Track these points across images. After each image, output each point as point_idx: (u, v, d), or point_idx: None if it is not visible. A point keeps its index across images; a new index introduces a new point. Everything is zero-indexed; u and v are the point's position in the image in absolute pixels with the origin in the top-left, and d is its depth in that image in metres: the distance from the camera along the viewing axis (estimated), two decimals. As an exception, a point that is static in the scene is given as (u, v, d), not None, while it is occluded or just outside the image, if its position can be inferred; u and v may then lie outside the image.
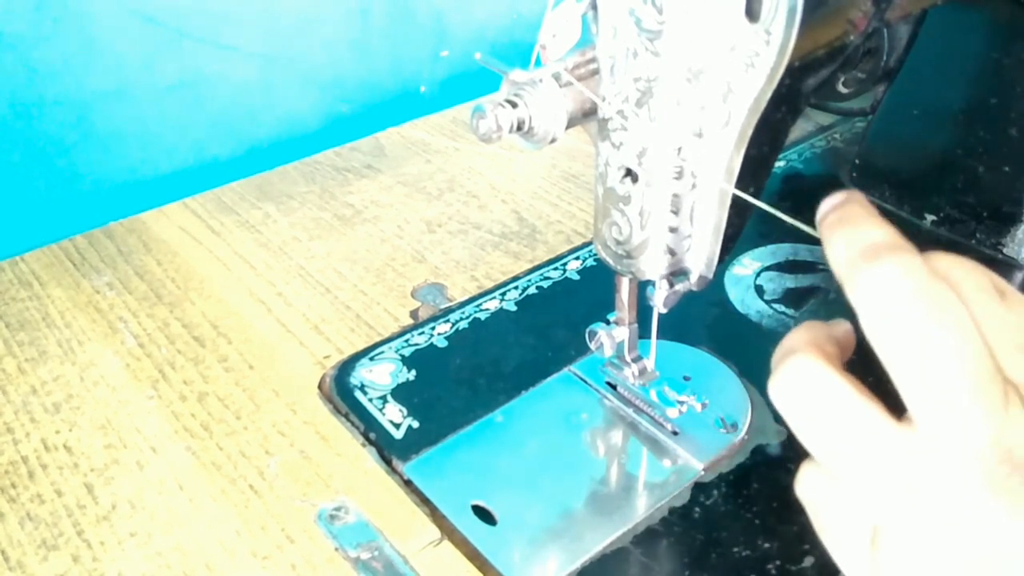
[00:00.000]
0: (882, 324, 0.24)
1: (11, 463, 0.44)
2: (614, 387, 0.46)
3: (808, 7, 0.27)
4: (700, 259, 0.35)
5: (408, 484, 0.42)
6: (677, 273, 0.36)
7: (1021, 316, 0.25)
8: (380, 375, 0.48)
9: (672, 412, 0.43)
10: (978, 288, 0.25)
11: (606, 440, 0.44)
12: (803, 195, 0.63)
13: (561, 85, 0.33)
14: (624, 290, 0.41)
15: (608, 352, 0.42)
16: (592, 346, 0.42)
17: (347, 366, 0.48)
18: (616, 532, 0.39)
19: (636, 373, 0.43)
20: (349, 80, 0.77)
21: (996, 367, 0.23)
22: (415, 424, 0.45)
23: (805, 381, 0.26)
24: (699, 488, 0.41)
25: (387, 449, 0.44)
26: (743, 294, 0.53)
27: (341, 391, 0.47)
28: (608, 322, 0.42)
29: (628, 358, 0.43)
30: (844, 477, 0.25)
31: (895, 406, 0.25)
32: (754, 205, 0.33)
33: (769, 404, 0.33)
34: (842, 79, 0.58)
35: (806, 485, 0.27)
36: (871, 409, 0.25)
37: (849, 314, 0.27)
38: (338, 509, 0.41)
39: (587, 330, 0.42)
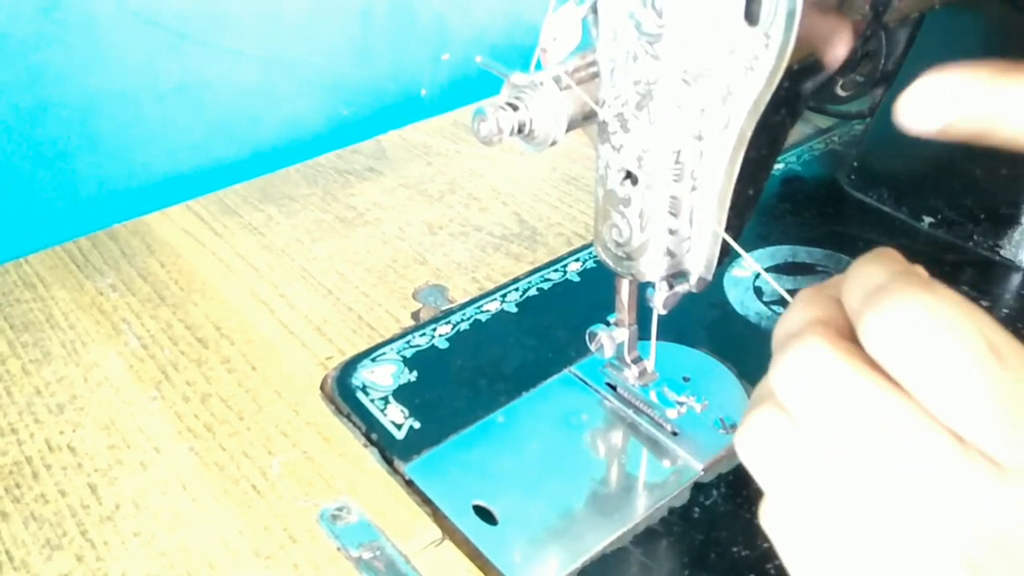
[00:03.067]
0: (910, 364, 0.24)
1: (15, 463, 0.44)
2: (614, 388, 0.46)
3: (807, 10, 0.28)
4: (700, 261, 0.35)
5: (410, 484, 0.42)
6: (677, 275, 0.36)
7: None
8: (382, 376, 0.48)
9: (672, 413, 0.43)
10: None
11: (606, 440, 0.44)
12: (802, 197, 0.64)
13: (561, 88, 0.33)
14: (624, 292, 0.41)
15: (608, 353, 0.42)
16: (592, 347, 0.43)
17: (349, 367, 0.49)
18: (616, 532, 0.39)
19: (636, 374, 0.43)
20: (350, 83, 0.78)
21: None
22: (416, 425, 0.45)
23: (768, 437, 0.26)
24: (699, 488, 0.41)
25: (389, 449, 0.44)
26: (742, 296, 0.53)
27: (343, 392, 0.47)
28: (608, 323, 0.42)
29: (628, 359, 0.43)
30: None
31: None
32: (753, 207, 0.33)
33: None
34: (840, 82, 0.58)
35: (773, 519, 0.27)
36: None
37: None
38: (340, 509, 0.41)
39: (587, 331, 0.42)
